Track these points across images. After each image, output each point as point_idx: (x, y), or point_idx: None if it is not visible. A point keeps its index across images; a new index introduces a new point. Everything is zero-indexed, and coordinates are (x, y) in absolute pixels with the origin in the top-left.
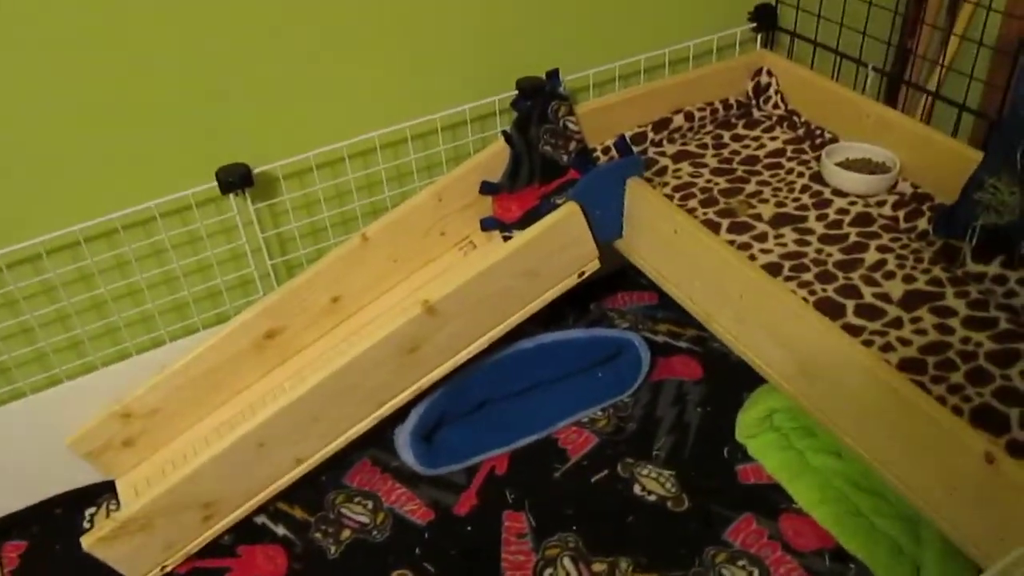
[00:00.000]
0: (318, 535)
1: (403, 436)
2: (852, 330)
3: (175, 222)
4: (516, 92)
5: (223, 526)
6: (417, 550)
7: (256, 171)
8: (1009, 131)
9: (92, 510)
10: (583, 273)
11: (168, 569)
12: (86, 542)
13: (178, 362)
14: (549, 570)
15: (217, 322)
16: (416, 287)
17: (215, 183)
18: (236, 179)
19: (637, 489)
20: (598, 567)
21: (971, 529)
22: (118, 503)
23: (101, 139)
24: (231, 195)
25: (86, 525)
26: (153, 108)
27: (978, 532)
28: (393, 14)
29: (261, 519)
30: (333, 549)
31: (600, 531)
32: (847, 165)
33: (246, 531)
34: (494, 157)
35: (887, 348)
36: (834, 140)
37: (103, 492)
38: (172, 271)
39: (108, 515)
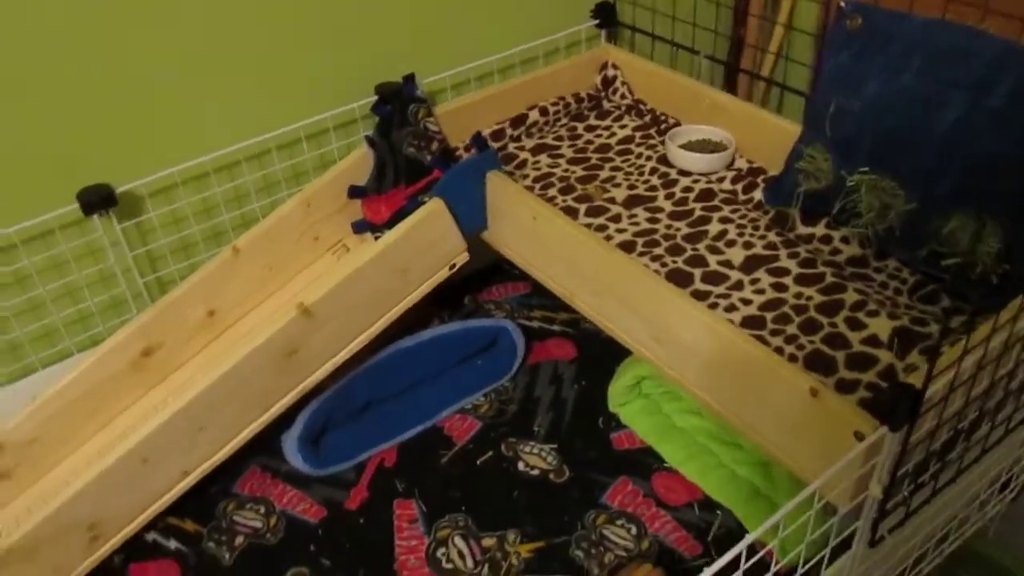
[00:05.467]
0: (211, 544)
1: (290, 442)
2: (700, 295)
3: (38, 247)
4: (376, 98)
5: (111, 546)
6: (312, 547)
7: (119, 190)
8: (818, 104)
9: None
10: (454, 266)
11: None
12: None
13: (51, 389)
14: (441, 550)
15: (91, 345)
16: (293, 293)
17: (77, 205)
18: (98, 200)
19: (521, 466)
20: (487, 542)
21: (806, 457)
22: None
23: None
24: (95, 216)
25: None
26: (8, 132)
27: (811, 459)
28: (251, 26)
29: (152, 535)
30: (227, 556)
31: (488, 509)
32: (689, 147)
33: (136, 549)
34: (359, 162)
35: (731, 309)
36: (677, 124)
37: None
38: (39, 297)
39: None
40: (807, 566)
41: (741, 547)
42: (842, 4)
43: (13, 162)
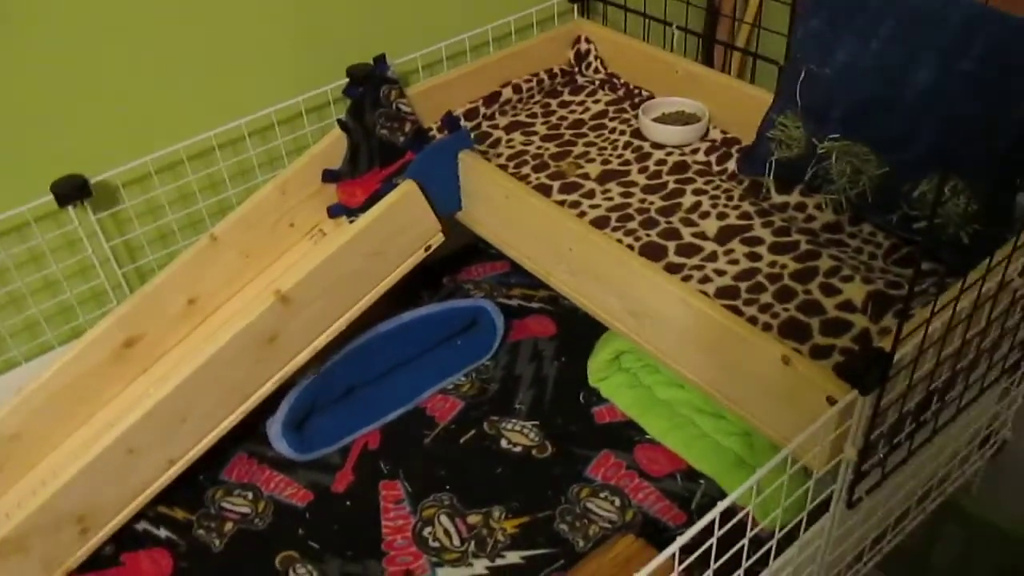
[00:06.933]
0: (201, 532)
1: (275, 427)
2: (673, 268)
3: (14, 240)
4: (347, 80)
5: (101, 537)
6: (300, 531)
7: (94, 181)
8: (789, 72)
9: None
10: (429, 247)
11: None
12: None
13: (35, 382)
14: (428, 528)
15: (72, 337)
16: (271, 279)
17: (51, 197)
18: (72, 191)
19: (504, 443)
20: (473, 519)
21: (782, 424)
22: None
23: None
24: (70, 207)
25: None
26: None
27: (788, 425)
28: (220, 11)
29: (142, 525)
30: (217, 543)
31: (472, 486)
32: (663, 119)
33: (127, 538)
34: (333, 145)
35: (705, 280)
36: (651, 97)
37: None
38: (17, 290)
39: None
40: (786, 529)
41: (715, 513)
42: None
43: None
